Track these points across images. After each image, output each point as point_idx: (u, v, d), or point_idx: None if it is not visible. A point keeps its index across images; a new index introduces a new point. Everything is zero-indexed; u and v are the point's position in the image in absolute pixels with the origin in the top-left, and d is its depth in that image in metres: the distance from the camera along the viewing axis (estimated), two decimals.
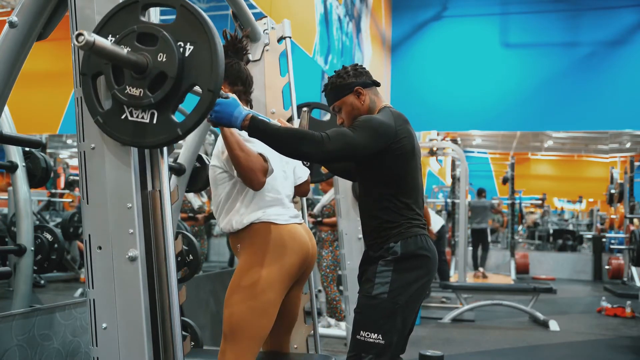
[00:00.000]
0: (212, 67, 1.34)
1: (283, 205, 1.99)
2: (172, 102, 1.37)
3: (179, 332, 1.46)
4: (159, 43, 1.36)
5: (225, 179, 1.94)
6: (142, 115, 1.38)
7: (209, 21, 1.36)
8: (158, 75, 1.35)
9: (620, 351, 4.76)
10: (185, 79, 1.36)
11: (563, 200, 18.80)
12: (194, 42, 1.36)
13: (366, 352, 1.83)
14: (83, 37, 1.22)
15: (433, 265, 1.95)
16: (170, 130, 1.37)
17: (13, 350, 2.24)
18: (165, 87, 1.34)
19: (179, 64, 1.34)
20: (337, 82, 2.01)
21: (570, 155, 19.28)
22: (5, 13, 7.90)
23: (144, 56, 1.35)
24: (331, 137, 1.74)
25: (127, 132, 1.39)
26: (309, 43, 5.94)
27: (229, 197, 1.95)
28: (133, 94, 1.36)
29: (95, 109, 1.42)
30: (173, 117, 1.37)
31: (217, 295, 4.00)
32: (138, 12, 1.39)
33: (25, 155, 3.05)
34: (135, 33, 1.37)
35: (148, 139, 1.38)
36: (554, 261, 11.05)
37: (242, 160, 1.77)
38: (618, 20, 9.95)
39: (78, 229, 6.11)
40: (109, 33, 1.40)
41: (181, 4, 1.37)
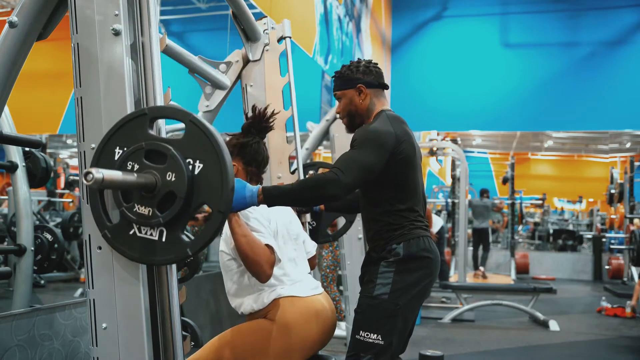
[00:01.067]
0: (222, 188, 1.30)
1: (300, 282, 1.96)
2: (181, 221, 1.34)
3: (179, 332, 1.46)
4: (168, 161, 1.32)
5: (234, 267, 1.92)
6: (151, 232, 1.36)
7: (218, 138, 1.32)
8: (167, 194, 1.33)
9: (620, 351, 4.76)
10: (195, 199, 1.33)
11: (563, 200, 18.81)
12: (203, 160, 1.32)
13: (365, 352, 1.83)
14: (91, 175, 1.19)
15: (435, 267, 1.95)
16: (180, 249, 1.34)
17: (13, 350, 2.24)
18: (174, 208, 1.32)
19: (188, 183, 1.31)
20: (344, 73, 2.02)
21: (570, 155, 19.29)
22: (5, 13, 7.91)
23: (153, 175, 1.33)
24: (343, 169, 1.75)
25: (135, 248, 1.37)
26: (309, 43, 5.94)
27: (240, 283, 1.92)
28: (142, 212, 1.34)
29: (103, 222, 1.39)
30: (182, 237, 1.34)
31: (217, 295, 4.00)
32: (146, 125, 1.36)
33: (25, 155, 3.06)
34: (144, 150, 1.34)
35: (157, 257, 1.36)
36: (554, 261, 11.05)
37: (248, 254, 1.75)
38: (618, 20, 9.95)
39: (78, 229, 6.12)
40: (117, 145, 1.38)
41: (190, 120, 1.33)
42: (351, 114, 2.03)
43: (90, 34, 1.46)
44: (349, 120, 2.05)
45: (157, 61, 1.49)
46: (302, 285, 1.93)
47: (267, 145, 2.52)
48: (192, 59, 2.15)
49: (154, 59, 1.48)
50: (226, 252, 1.92)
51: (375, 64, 2.06)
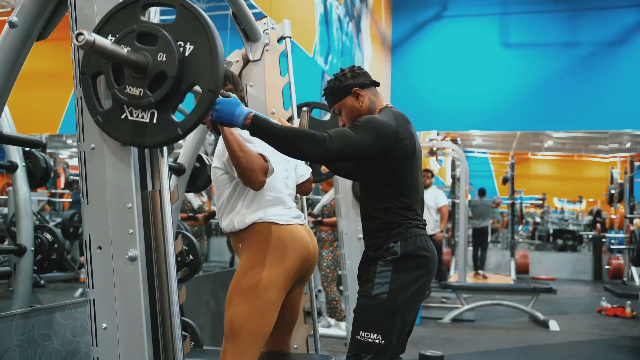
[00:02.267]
0: (213, 66, 1.34)
1: (284, 205, 1.99)
2: (172, 101, 1.37)
3: (179, 332, 1.46)
4: (159, 43, 1.35)
5: (227, 180, 1.95)
6: (142, 115, 1.38)
7: (209, 21, 1.36)
8: (158, 74, 1.35)
9: (620, 351, 4.76)
10: (185, 79, 1.36)
11: (563, 200, 18.80)
12: (194, 42, 1.35)
13: (366, 352, 1.83)
14: (83, 36, 1.22)
15: (433, 266, 1.95)
16: (170, 129, 1.36)
17: (13, 350, 2.24)
18: (165, 87, 1.34)
19: (179, 63, 1.34)
20: (335, 85, 2.01)
21: (570, 155, 19.27)
22: (5, 13, 7.90)
23: (144, 55, 1.35)
24: (333, 137, 1.74)
25: (127, 131, 1.39)
26: (309, 43, 5.94)
27: (230, 197, 1.95)
28: (133, 93, 1.36)
29: (95, 108, 1.41)
30: (173, 117, 1.37)
31: (217, 295, 4.00)
32: (138, 12, 1.39)
33: (25, 155, 3.05)
34: (135, 33, 1.37)
35: (148, 138, 1.38)
36: (554, 261, 11.05)
37: (242, 161, 1.77)
38: (618, 20, 9.95)
39: (78, 229, 6.11)
40: (109, 33, 1.40)
41: (181, 4, 1.37)
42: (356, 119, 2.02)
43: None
44: None
45: None
46: (285, 209, 1.97)
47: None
48: None
49: None
50: (219, 167, 1.96)
51: (359, 67, 2.06)
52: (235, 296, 1.88)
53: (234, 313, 1.86)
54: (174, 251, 1.50)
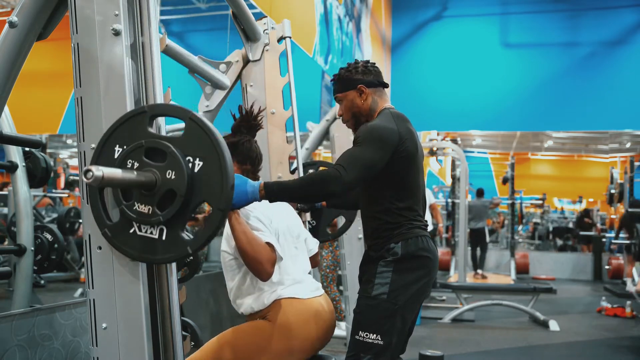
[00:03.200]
0: (223, 185, 1.30)
1: (300, 283, 1.95)
2: (181, 219, 1.34)
3: (179, 332, 1.46)
4: (168, 159, 1.32)
5: (236, 266, 1.92)
6: (151, 231, 1.35)
7: (218, 135, 1.32)
8: (167, 192, 1.32)
9: (620, 351, 4.76)
10: (195, 197, 1.33)
11: (563, 200, 18.80)
12: (203, 158, 1.32)
13: (365, 353, 1.83)
14: (91, 173, 1.19)
15: (434, 266, 1.95)
16: (180, 248, 1.34)
17: (13, 350, 2.24)
18: (174, 206, 1.31)
19: (188, 181, 1.31)
20: (344, 75, 2.02)
21: (570, 155, 19.28)
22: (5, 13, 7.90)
23: (153, 173, 1.32)
24: (346, 166, 1.75)
25: (135, 247, 1.37)
26: (309, 43, 5.94)
27: (242, 283, 1.91)
28: (142, 211, 1.34)
29: (103, 221, 1.39)
30: (183, 235, 1.34)
31: (217, 295, 4.00)
32: (146, 123, 1.36)
33: (25, 155, 3.06)
34: (144, 148, 1.34)
35: (157, 255, 1.35)
36: (554, 261, 11.04)
37: (249, 252, 1.75)
38: (618, 20, 9.95)
39: (74, 225, 6.12)
40: (117, 143, 1.37)
41: (190, 117, 1.33)
42: (355, 115, 2.02)
43: (90, 34, 1.46)
44: (354, 122, 2.04)
45: (157, 61, 1.49)
46: (303, 286, 1.93)
47: (267, 145, 2.53)
48: (192, 59, 2.15)
49: (154, 59, 1.48)
50: (228, 252, 1.92)
51: (373, 64, 2.06)
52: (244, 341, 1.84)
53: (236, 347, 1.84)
54: None
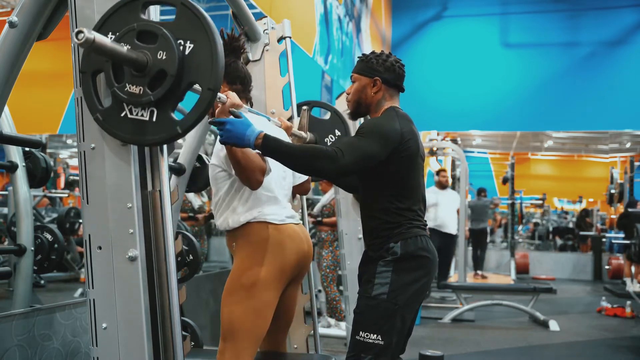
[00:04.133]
0: (212, 65, 1.34)
1: (279, 205, 1.98)
2: (171, 100, 1.37)
3: (179, 332, 1.46)
4: (159, 41, 1.35)
5: (225, 178, 1.94)
6: (142, 113, 1.38)
7: (209, 20, 1.36)
8: (158, 73, 1.35)
9: (620, 351, 4.76)
10: (185, 77, 1.36)
11: (563, 201, 18.80)
12: (194, 41, 1.35)
13: (365, 353, 1.83)
14: (83, 34, 1.22)
15: (433, 266, 1.95)
16: (170, 128, 1.37)
17: (13, 350, 2.24)
18: (165, 85, 1.34)
19: (179, 62, 1.34)
20: (369, 59, 2.00)
21: (570, 155, 19.27)
22: (5, 13, 7.90)
23: (144, 54, 1.35)
24: (344, 151, 1.76)
25: (126, 129, 1.39)
26: (309, 43, 5.94)
27: (227, 195, 1.95)
28: (133, 91, 1.36)
29: (95, 106, 1.41)
30: (173, 115, 1.37)
31: (217, 295, 4.00)
32: (138, 10, 1.39)
33: (25, 155, 3.05)
34: (135, 31, 1.37)
35: (147, 136, 1.38)
36: (554, 261, 11.04)
37: (240, 160, 1.77)
38: (618, 20, 9.95)
39: (74, 225, 6.11)
40: (109, 31, 1.40)
41: (182, 2, 1.37)
42: (359, 101, 2.02)
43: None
44: (354, 107, 2.04)
45: None
46: (279, 208, 1.96)
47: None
48: None
49: None
50: (217, 164, 1.95)
51: (402, 65, 2.04)
52: (230, 296, 1.87)
53: (229, 313, 1.86)
54: (174, 251, 1.50)
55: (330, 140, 2.54)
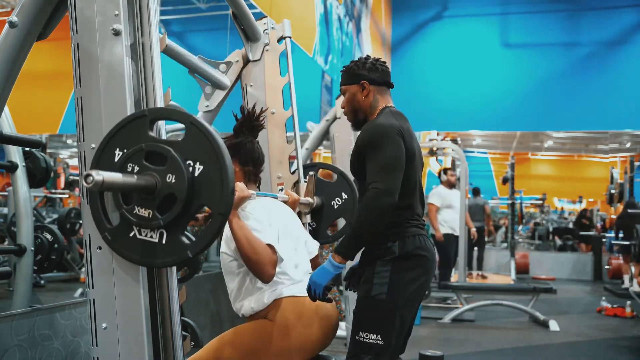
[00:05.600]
0: (223, 189, 1.30)
1: (300, 282, 1.96)
2: (181, 222, 1.34)
3: (179, 332, 1.46)
4: (168, 163, 1.32)
5: (236, 267, 1.92)
6: (151, 235, 1.35)
7: (218, 140, 1.32)
8: (167, 196, 1.32)
9: (620, 351, 4.76)
10: (195, 201, 1.33)
11: (563, 201, 18.81)
12: (203, 162, 1.32)
13: (365, 353, 1.83)
14: (92, 177, 1.19)
15: (431, 265, 1.95)
16: (180, 251, 1.34)
17: (13, 350, 2.24)
18: (174, 210, 1.31)
19: (189, 184, 1.31)
20: (351, 68, 2.02)
21: (570, 155, 19.29)
22: (5, 13, 7.91)
23: (153, 177, 1.32)
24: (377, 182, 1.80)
25: (135, 250, 1.37)
26: (309, 43, 5.94)
27: (242, 284, 1.92)
28: (142, 214, 1.33)
29: (103, 225, 1.39)
30: (183, 239, 1.34)
31: (217, 295, 4.00)
32: (146, 127, 1.36)
33: (25, 155, 3.06)
34: (144, 152, 1.34)
35: (157, 259, 1.36)
36: (554, 261, 11.04)
37: (250, 255, 1.75)
38: (618, 20, 9.95)
39: (75, 225, 6.12)
40: (117, 146, 1.37)
41: (191, 122, 1.33)
42: (354, 110, 2.03)
43: (90, 34, 1.46)
44: (353, 117, 2.06)
45: (157, 61, 1.49)
46: (303, 285, 1.93)
47: (268, 145, 2.52)
48: (192, 59, 2.15)
49: (154, 59, 1.48)
50: (228, 254, 1.92)
51: (383, 62, 2.05)
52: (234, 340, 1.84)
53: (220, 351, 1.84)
54: None
55: (337, 203, 2.56)
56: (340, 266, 1.84)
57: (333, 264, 1.84)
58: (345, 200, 2.55)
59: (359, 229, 1.82)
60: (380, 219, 1.80)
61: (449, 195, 6.82)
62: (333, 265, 1.84)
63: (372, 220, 1.80)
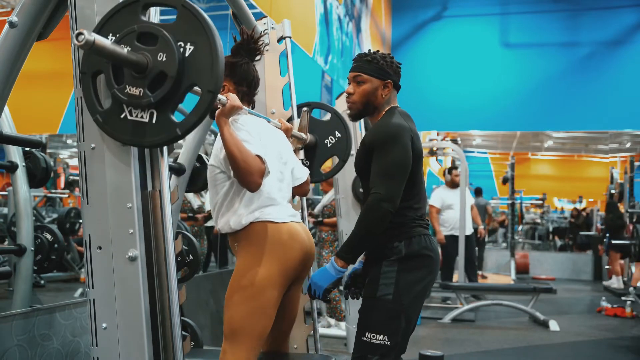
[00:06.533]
0: (212, 68, 1.33)
1: (280, 205, 1.97)
2: (171, 101, 1.37)
3: (179, 332, 1.46)
4: (159, 43, 1.35)
5: (223, 179, 1.93)
6: (142, 115, 1.38)
7: (209, 22, 1.36)
8: (158, 74, 1.35)
9: (620, 351, 4.76)
10: (185, 79, 1.36)
11: (563, 200, 18.81)
12: (194, 43, 1.35)
13: (372, 354, 1.84)
14: (83, 36, 1.22)
15: (436, 265, 1.96)
16: (170, 129, 1.36)
17: (13, 350, 2.24)
18: (164, 87, 1.34)
19: (179, 63, 1.34)
20: (379, 61, 1.98)
21: (570, 155, 19.29)
22: (5, 13, 7.90)
23: (144, 55, 1.35)
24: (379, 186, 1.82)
25: (126, 131, 1.39)
26: (309, 43, 5.94)
27: (226, 197, 1.93)
28: (133, 93, 1.36)
29: (95, 107, 1.41)
30: (172, 117, 1.37)
31: (217, 295, 4.00)
32: (139, 12, 1.39)
33: (25, 155, 3.05)
34: (136, 33, 1.37)
35: (147, 138, 1.38)
36: (554, 261, 11.03)
37: (239, 162, 1.76)
38: (618, 20, 9.95)
39: (75, 225, 6.12)
40: (110, 32, 1.41)
41: (182, 4, 1.37)
42: (368, 103, 2.00)
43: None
44: (362, 108, 2.01)
45: None
46: (280, 208, 1.95)
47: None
48: None
49: None
50: (215, 165, 1.94)
51: (399, 65, 2.05)
52: (233, 296, 1.87)
53: (232, 313, 1.86)
54: (174, 251, 1.50)
55: (331, 141, 2.53)
56: (342, 270, 1.86)
57: (335, 268, 1.86)
58: (339, 138, 2.52)
59: (359, 233, 1.85)
60: (380, 225, 1.83)
61: (451, 196, 6.80)
62: (335, 269, 1.86)
63: (372, 225, 1.83)
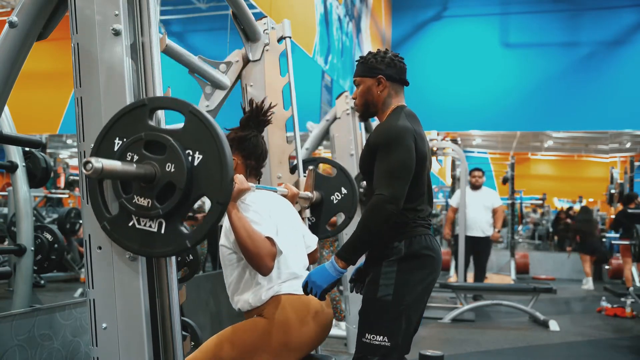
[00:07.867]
0: (222, 178, 1.29)
1: (298, 278, 1.96)
2: (180, 212, 1.34)
3: (179, 332, 1.46)
4: (167, 152, 1.32)
5: (235, 260, 1.91)
6: (150, 224, 1.35)
7: (218, 129, 1.32)
8: (166, 185, 1.32)
9: (620, 351, 4.76)
10: (194, 190, 1.33)
11: (563, 200, 18.80)
12: (202, 151, 1.32)
13: (372, 355, 1.84)
14: (91, 164, 1.19)
15: (437, 265, 1.95)
16: (179, 241, 1.34)
17: (13, 350, 2.24)
18: (173, 199, 1.31)
19: (188, 174, 1.30)
20: (368, 60, 2.00)
21: (570, 155, 19.28)
22: (5, 13, 7.91)
23: (152, 166, 1.32)
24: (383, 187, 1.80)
25: (134, 240, 1.36)
26: (309, 43, 5.94)
27: (241, 278, 1.91)
28: (141, 204, 1.33)
29: (102, 214, 1.39)
30: (182, 228, 1.34)
31: (217, 295, 4.00)
32: (146, 116, 1.36)
33: (25, 155, 3.06)
34: (143, 141, 1.34)
35: (156, 249, 1.35)
36: (554, 261, 11.03)
37: (249, 247, 1.75)
38: (618, 20, 9.96)
39: (75, 225, 6.12)
40: (117, 136, 1.37)
41: (190, 110, 1.33)
42: (367, 103, 2.02)
43: (90, 34, 1.46)
44: (364, 109, 2.04)
45: (157, 61, 1.49)
46: (300, 281, 1.93)
47: (268, 145, 2.52)
48: (192, 59, 2.15)
49: (154, 59, 1.48)
50: (227, 246, 1.92)
51: (401, 59, 2.04)
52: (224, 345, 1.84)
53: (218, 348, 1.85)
54: None
55: (337, 198, 2.55)
56: (342, 271, 1.83)
57: (336, 268, 1.83)
58: (345, 195, 2.53)
59: (362, 234, 1.82)
60: (383, 225, 1.81)
61: (472, 197, 6.85)
62: (336, 269, 1.82)
63: (375, 226, 1.80)
